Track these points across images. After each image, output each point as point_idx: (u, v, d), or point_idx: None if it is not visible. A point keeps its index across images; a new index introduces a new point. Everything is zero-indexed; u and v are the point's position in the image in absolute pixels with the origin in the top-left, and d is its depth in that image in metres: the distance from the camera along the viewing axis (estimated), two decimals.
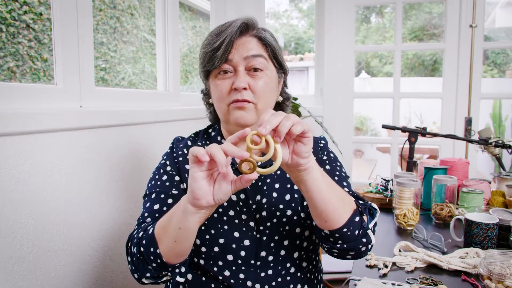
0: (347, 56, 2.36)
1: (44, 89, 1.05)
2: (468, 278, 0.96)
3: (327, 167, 0.97)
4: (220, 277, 0.89)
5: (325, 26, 2.36)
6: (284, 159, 0.70)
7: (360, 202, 0.88)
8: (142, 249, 0.78)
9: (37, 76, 2.98)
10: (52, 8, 1.09)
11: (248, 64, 0.88)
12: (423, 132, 1.70)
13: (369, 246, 0.86)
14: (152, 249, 0.76)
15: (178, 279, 0.82)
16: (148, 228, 0.80)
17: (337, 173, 0.97)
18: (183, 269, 0.82)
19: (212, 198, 0.69)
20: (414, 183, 1.36)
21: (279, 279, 0.90)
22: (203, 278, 0.91)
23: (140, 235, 0.81)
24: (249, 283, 0.88)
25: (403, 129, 1.74)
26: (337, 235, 0.81)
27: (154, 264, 0.77)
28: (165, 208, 0.88)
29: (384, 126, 1.81)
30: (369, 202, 0.91)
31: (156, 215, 0.87)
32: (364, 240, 0.84)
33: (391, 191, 1.57)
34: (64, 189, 1.05)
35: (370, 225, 0.86)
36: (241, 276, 0.88)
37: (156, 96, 1.61)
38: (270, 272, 0.89)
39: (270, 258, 0.89)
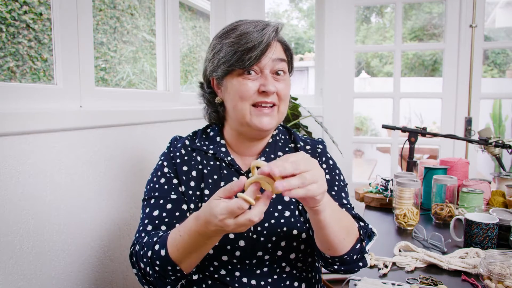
0: (347, 56, 2.36)
1: (44, 89, 1.05)
2: (468, 278, 0.96)
3: (327, 176, 0.97)
4: (216, 275, 0.90)
5: (325, 26, 2.36)
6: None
7: (362, 225, 0.90)
8: (157, 268, 0.79)
9: (37, 76, 2.98)
10: (52, 8, 1.09)
11: (274, 68, 0.89)
12: (423, 132, 1.70)
13: (362, 267, 0.90)
14: (170, 267, 0.78)
15: (194, 277, 0.89)
16: (157, 248, 0.80)
17: (336, 183, 0.98)
18: (194, 269, 0.86)
19: None
20: (414, 183, 1.36)
21: (275, 276, 0.91)
22: (200, 275, 0.92)
23: (149, 254, 0.80)
24: (244, 280, 0.89)
25: (403, 129, 1.74)
26: (336, 259, 0.85)
27: (173, 277, 0.80)
28: (164, 214, 0.89)
29: (384, 126, 1.81)
30: (370, 226, 0.92)
31: (156, 221, 0.89)
32: (360, 264, 0.88)
33: (391, 191, 1.57)
34: (64, 189, 1.05)
35: (367, 247, 0.89)
36: (237, 273, 0.89)
37: (156, 96, 1.61)
38: (265, 269, 0.90)
39: (266, 257, 0.90)
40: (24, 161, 0.93)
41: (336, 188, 0.97)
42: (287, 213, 0.91)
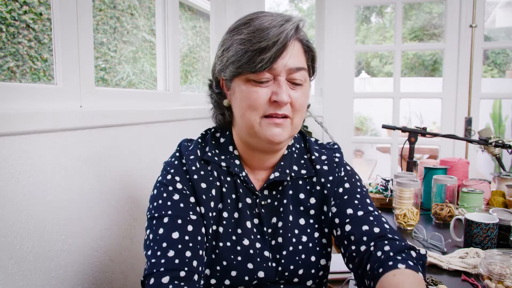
0: (347, 56, 2.36)
1: (44, 89, 1.05)
2: (468, 278, 0.96)
3: (346, 185, 0.89)
4: None
5: (325, 26, 2.36)
6: None
7: (414, 255, 0.81)
8: None
9: (37, 76, 2.98)
10: (52, 8, 1.09)
11: (290, 76, 0.77)
12: (423, 132, 1.70)
13: None
14: None
15: None
16: None
17: (358, 189, 0.89)
18: None
19: None
20: (414, 183, 1.36)
21: None
22: None
23: None
24: None
25: (403, 129, 1.74)
26: None
27: None
28: (187, 238, 0.76)
29: (384, 126, 1.81)
30: (418, 250, 0.84)
31: (179, 246, 0.75)
32: None
33: (391, 191, 1.57)
34: (64, 189, 1.05)
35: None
36: None
37: (156, 96, 1.61)
38: (281, 287, 0.85)
39: (282, 281, 0.85)
40: (24, 161, 0.93)
41: (358, 195, 0.88)
42: (304, 238, 0.84)
